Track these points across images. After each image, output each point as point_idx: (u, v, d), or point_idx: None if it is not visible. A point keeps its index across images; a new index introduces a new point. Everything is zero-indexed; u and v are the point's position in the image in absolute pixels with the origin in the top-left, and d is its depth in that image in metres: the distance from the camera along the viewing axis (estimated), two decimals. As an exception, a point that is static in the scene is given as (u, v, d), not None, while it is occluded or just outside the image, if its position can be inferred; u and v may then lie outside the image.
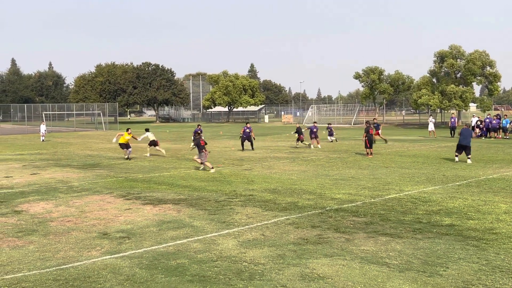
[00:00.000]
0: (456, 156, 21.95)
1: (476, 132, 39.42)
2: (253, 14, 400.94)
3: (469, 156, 21.47)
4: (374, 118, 38.43)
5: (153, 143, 27.21)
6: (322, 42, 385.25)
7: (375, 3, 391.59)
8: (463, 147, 21.64)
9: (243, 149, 29.08)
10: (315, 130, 31.22)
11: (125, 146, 25.23)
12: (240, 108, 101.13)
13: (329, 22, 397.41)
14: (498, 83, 59.87)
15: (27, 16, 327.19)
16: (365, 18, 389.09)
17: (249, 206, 12.51)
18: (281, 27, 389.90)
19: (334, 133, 37.29)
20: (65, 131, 59.97)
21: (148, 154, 27.08)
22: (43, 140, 42.04)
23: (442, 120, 63.73)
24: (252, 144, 29.46)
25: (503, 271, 7.45)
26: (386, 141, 33.18)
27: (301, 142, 31.42)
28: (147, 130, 28.28)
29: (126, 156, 25.19)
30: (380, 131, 32.63)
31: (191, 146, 29.12)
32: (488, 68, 59.08)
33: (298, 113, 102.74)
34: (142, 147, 30.62)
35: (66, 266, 8.00)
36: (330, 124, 38.92)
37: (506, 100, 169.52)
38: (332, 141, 35.55)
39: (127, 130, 26.17)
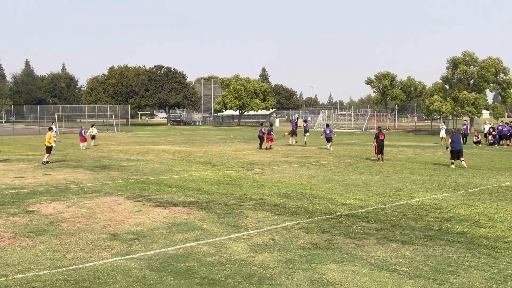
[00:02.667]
0: (452, 163, 22.23)
1: (488, 139, 39.14)
2: (265, 18, 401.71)
3: (462, 159, 22.03)
4: (271, 124, 39.49)
5: (93, 137, 36.82)
6: (334, 47, 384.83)
7: (386, 9, 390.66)
8: (456, 152, 22.11)
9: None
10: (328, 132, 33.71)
11: (50, 149, 24.46)
12: (251, 112, 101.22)
13: (342, 27, 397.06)
14: (511, 90, 59.39)
15: (41, 18, 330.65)
16: (377, 23, 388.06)
17: (259, 210, 12.50)
18: (293, 32, 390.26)
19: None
20: (77, 133, 60.31)
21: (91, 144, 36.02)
22: (54, 141, 42.32)
23: (454, 127, 63.29)
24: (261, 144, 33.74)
25: None
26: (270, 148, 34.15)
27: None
28: (92, 125, 38.19)
29: (47, 160, 24.19)
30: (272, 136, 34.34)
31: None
32: (502, 75, 58.64)
33: (309, 117, 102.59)
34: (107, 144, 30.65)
35: (76, 266, 8.04)
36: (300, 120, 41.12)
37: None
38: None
39: (50, 129, 26.04)
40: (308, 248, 9.10)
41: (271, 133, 33.59)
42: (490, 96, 71.25)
